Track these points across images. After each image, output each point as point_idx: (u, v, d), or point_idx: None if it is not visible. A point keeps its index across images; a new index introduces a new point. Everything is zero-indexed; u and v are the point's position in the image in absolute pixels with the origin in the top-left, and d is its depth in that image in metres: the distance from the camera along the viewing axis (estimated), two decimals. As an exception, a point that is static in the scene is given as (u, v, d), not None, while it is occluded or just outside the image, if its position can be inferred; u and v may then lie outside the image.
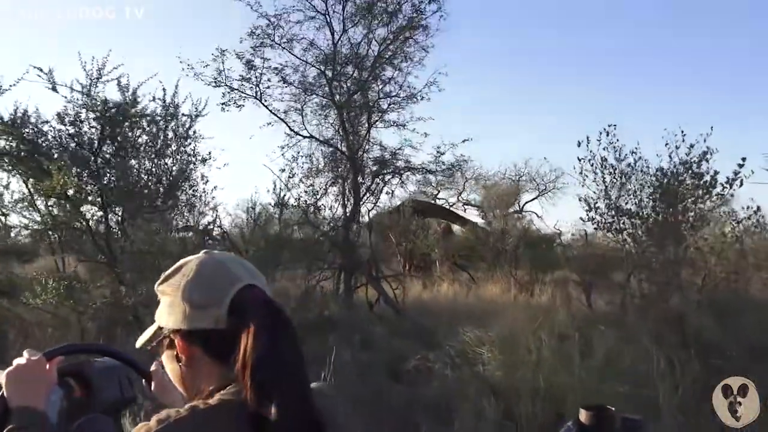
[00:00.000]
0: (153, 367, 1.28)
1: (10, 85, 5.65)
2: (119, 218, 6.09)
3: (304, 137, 9.90)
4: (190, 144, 7.39)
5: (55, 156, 5.71)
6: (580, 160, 8.21)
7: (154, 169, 6.56)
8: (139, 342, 1.02)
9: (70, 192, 5.64)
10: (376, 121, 9.77)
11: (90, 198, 5.85)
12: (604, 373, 4.96)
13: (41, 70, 6.01)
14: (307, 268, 10.52)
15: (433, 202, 18.44)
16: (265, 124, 9.88)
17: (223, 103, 9.10)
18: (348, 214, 10.19)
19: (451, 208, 19.38)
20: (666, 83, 27.69)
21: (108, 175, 6.03)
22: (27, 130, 5.74)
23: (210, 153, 7.85)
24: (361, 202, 9.97)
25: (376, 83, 9.71)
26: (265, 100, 9.48)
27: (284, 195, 10.88)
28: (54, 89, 6.09)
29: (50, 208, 6.25)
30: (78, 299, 6.28)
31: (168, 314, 0.95)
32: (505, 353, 6.19)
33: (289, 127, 9.73)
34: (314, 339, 8.35)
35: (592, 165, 8.20)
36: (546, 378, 5.06)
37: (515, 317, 7.81)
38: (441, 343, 7.61)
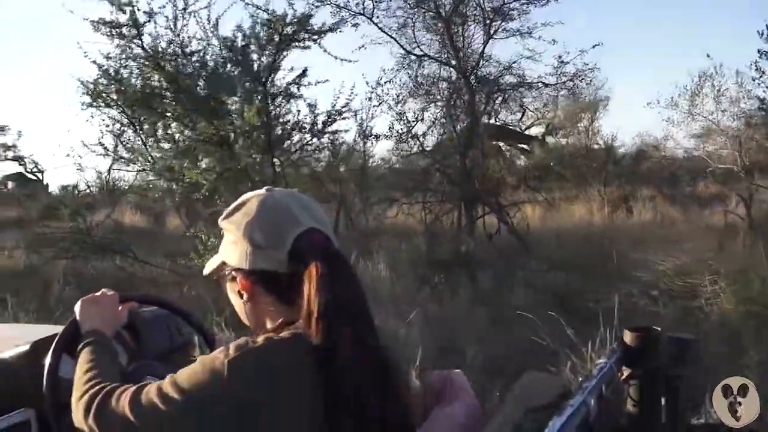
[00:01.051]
0: (217, 336, 1.41)
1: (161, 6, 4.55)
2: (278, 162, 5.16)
3: (418, 56, 8.80)
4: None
5: (224, 92, 4.69)
6: (760, 53, 7.24)
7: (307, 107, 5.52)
8: (206, 270, 1.04)
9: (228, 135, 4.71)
10: (497, 30, 8.64)
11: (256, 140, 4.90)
12: None
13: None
14: (422, 201, 9.75)
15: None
16: (358, 47, 8.71)
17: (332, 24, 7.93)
18: (463, 140, 9.26)
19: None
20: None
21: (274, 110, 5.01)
22: (179, 61, 4.71)
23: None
24: (479, 125, 9.02)
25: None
26: (377, 17, 8.35)
27: (367, 126, 9.92)
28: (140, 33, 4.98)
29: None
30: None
31: (231, 251, 0.96)
32: (737, 284, 5.43)
33: (401, 45, 8.63)
34: (460, 278, 7.67)
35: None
36: None
37: (695, 239, 7.07)
38: (615, 275, 6.91)
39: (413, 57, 8.88)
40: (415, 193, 9.52)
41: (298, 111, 5.17)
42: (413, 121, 9.29)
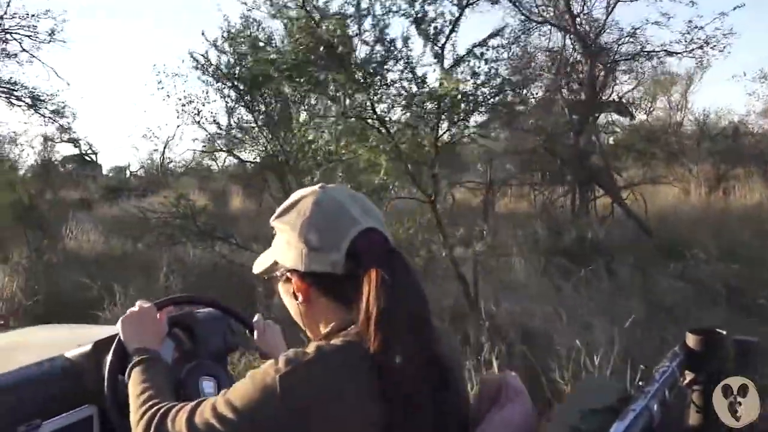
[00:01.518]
0: (255, 319, 1.35)
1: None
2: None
3: (537, 23, 8.00)
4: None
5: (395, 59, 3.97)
6: None
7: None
8: (256, 269, 1.01)
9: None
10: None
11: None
12: None
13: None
14: (531, 183, 9.05)
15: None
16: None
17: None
18: (578, 116, 8.48)
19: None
20: None
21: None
22: (341, 22, 3.97)
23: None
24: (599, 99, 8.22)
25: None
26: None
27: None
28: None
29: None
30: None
31: (285, 251, 0.93)
32: None
33: (519, 10, 7.81)
34: (599, 269, 6.94)
35: None
36: None
37: None
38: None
39: (530, 24, 8.05)
40: (522, 174, 8.80)
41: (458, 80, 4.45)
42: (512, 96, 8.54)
